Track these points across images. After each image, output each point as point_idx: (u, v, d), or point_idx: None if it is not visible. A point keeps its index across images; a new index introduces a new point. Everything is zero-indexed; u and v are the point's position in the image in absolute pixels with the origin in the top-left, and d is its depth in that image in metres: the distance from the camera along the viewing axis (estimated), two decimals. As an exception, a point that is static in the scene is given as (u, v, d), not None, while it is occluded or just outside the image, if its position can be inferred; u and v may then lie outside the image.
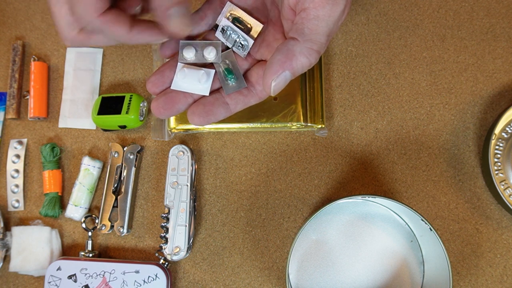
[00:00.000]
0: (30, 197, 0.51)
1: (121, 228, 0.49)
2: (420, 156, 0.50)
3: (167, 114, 0.37)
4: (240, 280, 0.49)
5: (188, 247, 0.47)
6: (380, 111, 0.51)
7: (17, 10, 0.55)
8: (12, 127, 0.53)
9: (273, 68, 0.34)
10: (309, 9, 0.34)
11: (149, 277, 0.46)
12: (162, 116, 0.38)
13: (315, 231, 0.49)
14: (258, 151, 0.51)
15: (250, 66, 0.40)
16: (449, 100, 0.51)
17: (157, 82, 0.38)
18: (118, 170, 0.50)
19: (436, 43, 0.52)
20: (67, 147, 0.52)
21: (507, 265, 0.48)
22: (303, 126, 0.49)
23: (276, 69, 0.34)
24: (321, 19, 0.34)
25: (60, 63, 0.54)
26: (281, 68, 0.34)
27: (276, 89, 0.35)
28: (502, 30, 0.52)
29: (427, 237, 0.45)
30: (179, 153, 0.49)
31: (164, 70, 0.38)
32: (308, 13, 0.34)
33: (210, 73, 0.38)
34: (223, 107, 0.38)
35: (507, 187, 0.48)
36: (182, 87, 0.38)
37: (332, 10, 0.34)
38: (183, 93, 0.38)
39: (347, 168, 0.50)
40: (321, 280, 0.48)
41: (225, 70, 0.38)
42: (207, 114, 0.37)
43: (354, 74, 0.52)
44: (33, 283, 0.50)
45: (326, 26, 0.34)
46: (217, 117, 0.38)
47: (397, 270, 0.48)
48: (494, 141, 0.49)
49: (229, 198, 0.50)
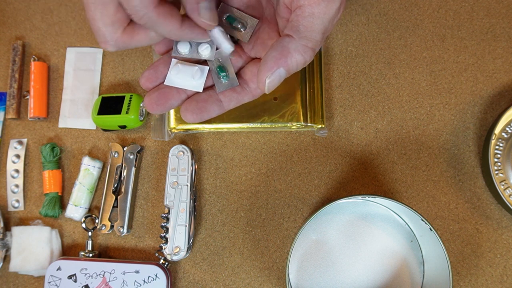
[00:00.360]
0: (30, 197, 0.51)
1: (121, 228, 0.49)
2: (420, 156, 0.50)
3: (160, 109, 0.37)
4: (240, 280, 0.49)
5: (188, 247, 0.47)
6: (380, 111, 0.51)
7: (17, 10, 0.55)
8: (12, 127, 0.53)
9: (267, 65, 0.34)
10: (305, 6, 0.34)
11: (149, 277, 0.46)
12: (155, 112, 0.37)
13: (315, 231, 0.49)
14: (258, 151, 0.51)
15: (244, 63, 0.40)
16: (449, 100, 0.51)
17: (151, 77, 0.38)
18: (118, 170, 0.50)
19: (436, 43, 0.52)
20: (67, 147, 0.52)
21: (507, 265, 0.48)
22: (303, 126, 0.49)
23: (270, 66, 0.34)
24: (316, 17, 0.34)
25: (60, 63, 0.54)
26: (275, 65, 0.34)
27: (271, 86, 0.35)
28: (502, 30, 0.52)
29: (427, 237, 0.45)
30: (179, 153, 0.49)
31: (158, 65, 0.38)
32: (304, 10, 0.34)
33: (204, 69, 0.38)
34: (216, 104, 0.38)
35: (507, 187, 0.48)
36: (175, 83, 0.38)
37: (328, 8, 0.33)
38: (176, 89, 0.38)
39: (347, 168, 0.50)
40: (321, 280, 0.48)
41: (218, 67, 0.38)
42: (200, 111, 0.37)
43: (354, 74, 0.52)
44: (33, 283, 0.50)
45: (321, 23, 0.34)
46: (210, 114, 0.37)
47: (397, 270, 0.48)
48: (494, 141, 0.49)
49: (229, 198, 0.50)
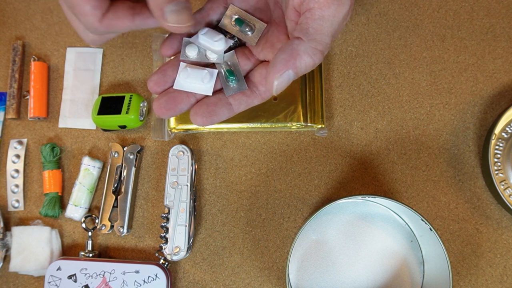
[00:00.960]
0: (30, 197, 0.51)
1: (121, 228, 0.49)
2: (420, 156, 0.50)
3: (169, 114, 0.37)
4: (240, 280, 0.49)
5: (188, 247, 0.47)
6: (380, 111, 0.51)
7: (17, 10, 0.55)
8: (12, 127, 0.53)
9: (276, 67, 0.34)
10: (314, 9, 0.34)
11: (149, 277, 0.46)
12: (165, 116, 0.37)
13: (315, 231, 0.49)
14: (258, 151, 0.51)
15: (253, 66, 0.40)
16: (449, 100, 0.51)
17: (159, 81, 0.38)
18: (118, 170, 0.50)
19: (436, 43, 0.52)
20: (67, 147, 0.52)
21: (507, 265, 0.48)
22: (303, 126, 0.49)
23: (279, 68, 0.34)
24: (326, 19, 0.34)
25: (60, 63, 0.54)
26: (284, 67, 0.34)
27: (279, 88, 0.34)
28: (502, 30, 0.52)
29: (427, 237, 0.45)
30: (179, 153, 0.49)
31: (166, 69, 0.38)
32: (313, 13, 0.34)
33: (213, 72, 0.38)
34: (226, 108, 0.38)
35: (507, 187, 0.48)
36: (184, 87, 0.38)
37: (337, 11, 0.34)
38: (186, 92, 0.38)
39: (347, 168, 0.50)
40: (321, 280, 0.48)
41: (227, 71, 0.38)
42: (210, 115, 0.37)
43: (354, 74, 0.52)
44: (33, 283, 0.50)
45: (330, 26, 0.34)
46: (220, 118, 0.37)
47: (397, 270, 0.48)
48: (494, 141, 0.49)
49: (229, 198, 0.50)
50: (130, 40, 0.54)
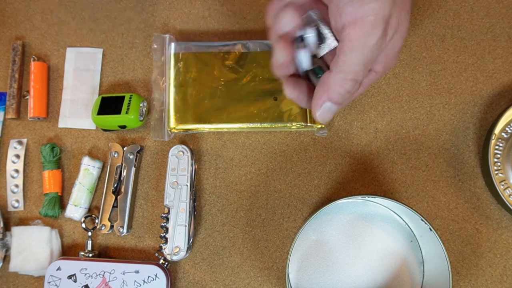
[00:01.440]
0: (30, 197, 0.51)
1: (121, 228, 0.49)
2: (419, 156, 0.50)
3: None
4: (240, 280, 0.49)
5: (188, 247, 0.47)
6: (380, 111, 0.51)
7: (17, 10, 0.55)
8: (12, 127, 0.53)
9: (315, 101, 0.38)
10: (344, 41, 0.35)
11: (149, 277, 0.46)
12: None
13: (315, 231, 0.49)
14: (258, 151, 0.51)
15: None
16: (449, 100, 0.51)
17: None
18: (118, 170, 0.50)
19: (436, 43, 0.52)
20: (67, 147, 0.52)
21: (507, 265, 0.48)
22: (303, 126, 0.49)
23: (316, 102, 0.38)
24: (355, 50, 0.34)
25: (60, 63, 0.54)
26: (320, 100, 0.37)
27: (322, 118, 0.38)
28: (502, 30, 0.52)
29: (427, 237, 0.45)
30: (179, 153, 0.49)
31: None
32: (344, 44, 0.35)
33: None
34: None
35: (507, 187, 0.48)
36: None
37: (367, 40, 0.34)
38: None
39: (347, 168, 0.50)
40: (321, 280, 0.48)
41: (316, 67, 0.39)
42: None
43: (354, 74, 0.52)
44: (33, 283, 0.50)
45: (360, 55, 0.35)
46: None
47: (397, 270, 0.48)
48: (494, 141, 0.49)
49: (229, 198, 0.50)
50: (130, 40, 0.54)
